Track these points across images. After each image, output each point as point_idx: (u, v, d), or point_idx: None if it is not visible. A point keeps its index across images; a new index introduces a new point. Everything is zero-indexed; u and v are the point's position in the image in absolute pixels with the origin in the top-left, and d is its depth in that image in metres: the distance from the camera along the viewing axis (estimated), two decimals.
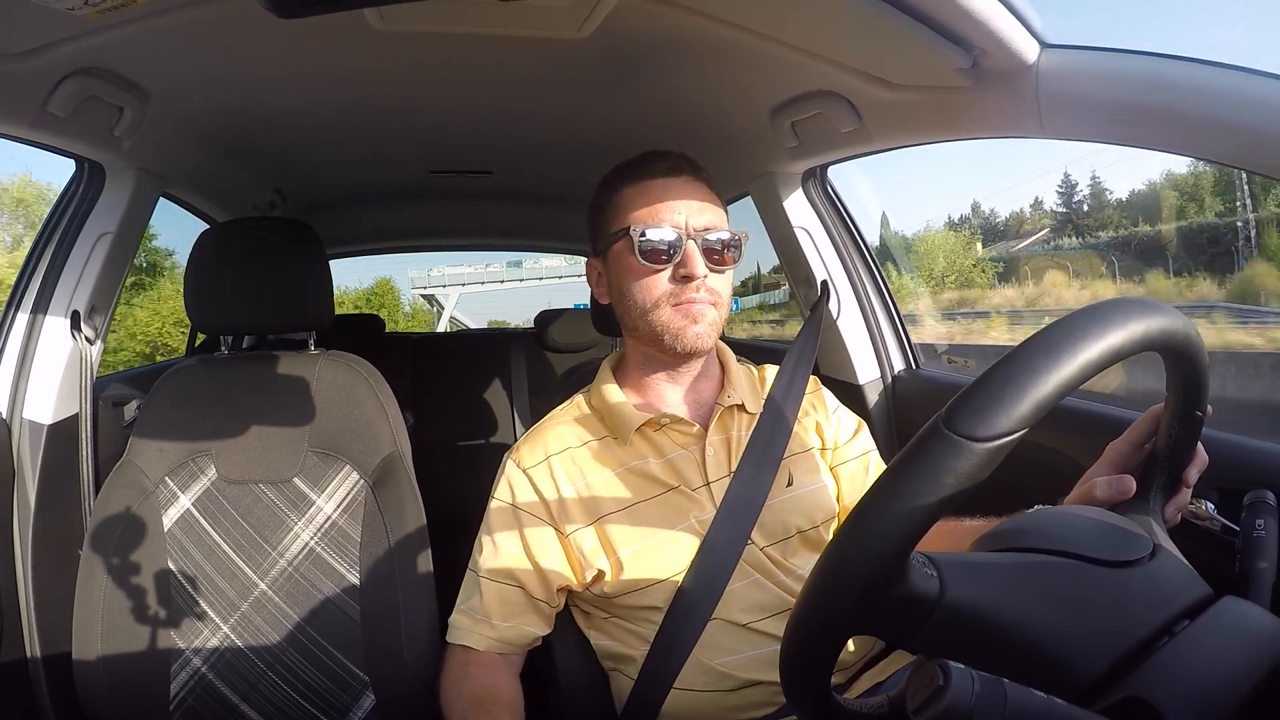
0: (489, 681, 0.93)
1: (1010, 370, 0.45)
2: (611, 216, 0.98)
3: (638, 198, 0.96)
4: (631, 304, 0.97)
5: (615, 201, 0.98)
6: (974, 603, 0.49)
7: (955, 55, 0.90)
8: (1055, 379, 0.45)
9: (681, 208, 0.94)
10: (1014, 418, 0.44)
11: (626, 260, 0.95)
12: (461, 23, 0.99)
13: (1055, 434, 1.00)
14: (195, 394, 1.22)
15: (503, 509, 0.99)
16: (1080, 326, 0.46)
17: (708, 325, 0.95)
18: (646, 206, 0.95)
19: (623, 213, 0.97)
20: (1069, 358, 0.45)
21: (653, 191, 0.96)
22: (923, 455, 0.45)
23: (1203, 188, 27.44)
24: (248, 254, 1.24)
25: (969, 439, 0.44)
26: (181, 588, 1.14)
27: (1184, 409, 0.60)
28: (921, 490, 0.44)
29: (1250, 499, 0.63)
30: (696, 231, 0.94)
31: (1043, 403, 0.44)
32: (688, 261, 0.93)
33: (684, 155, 0.99)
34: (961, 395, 0.45)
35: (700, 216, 0.95)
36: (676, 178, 0.97)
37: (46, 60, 0.95)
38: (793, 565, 0.95)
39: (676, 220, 0.94)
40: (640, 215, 0.95)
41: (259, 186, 1.90)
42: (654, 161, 0.97)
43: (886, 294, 1.58)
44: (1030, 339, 0.47)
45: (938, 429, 0.45)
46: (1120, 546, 0.54)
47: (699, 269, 0.93)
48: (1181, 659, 0.49)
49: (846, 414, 1.10)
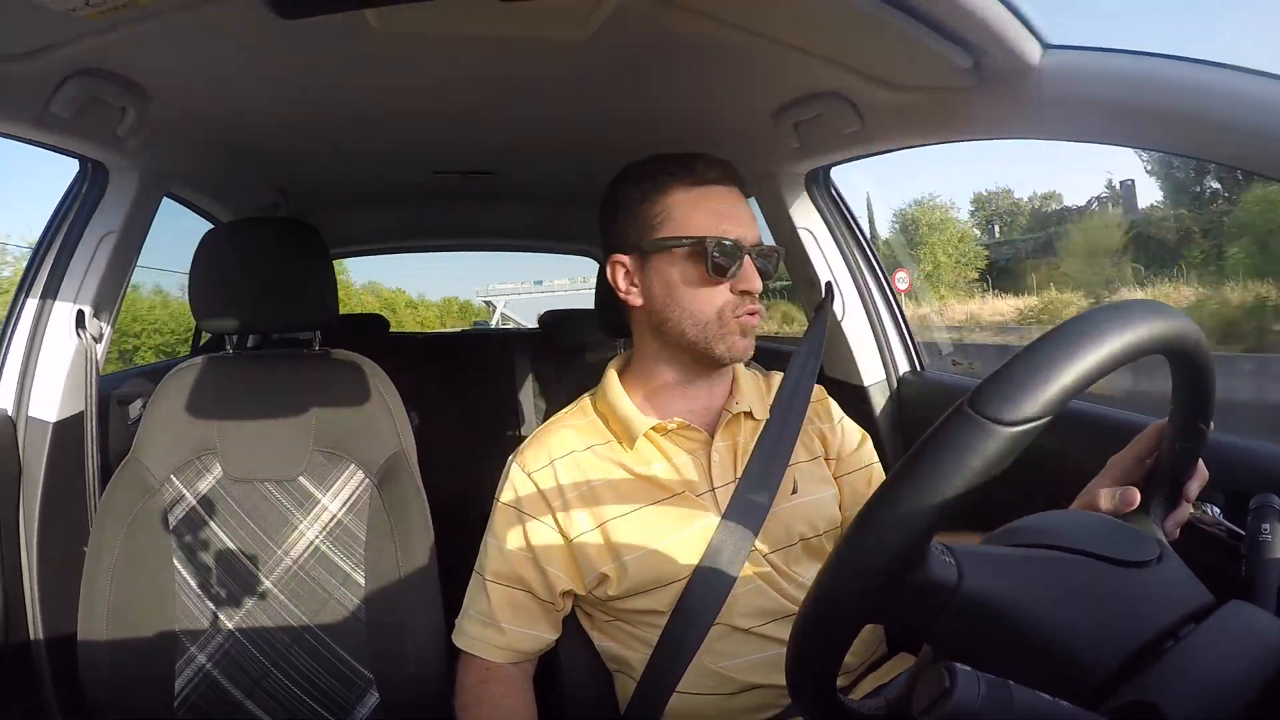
0: (506, 703, 0.94)
1: (1037, 356, 0.45)
2: (660, 217, 0.95)
3: (698, 204, 0.94)
4: (683, 313, 0.94)
5: (664, 202, 0.95)
6: (990, 594, 0.49)
7: (957, 56, 0.89)
8: (1080, 367, 0.44)
9: (741, 220, 0.94)
10: (1041, 402, 0.44)
11: (687, 269, 0.93)
12: (463, 24, 0.99)
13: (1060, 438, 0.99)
14: (200, 392, 1.22)
15: (507, 512, 0.99)
16: (1104, 320, 0.46)
17: (754, 338, 0.96)
18: (711, 216, 0.93)
19: (679, 217, 0.94)
20: (1093, 349, 0.45)
21: (711, 200, 0.94)
22: (948, 437, 0.44)
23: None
24: (252, 254, 1.24)
25: (996, 421, 0.43)
26: (186, 585, 1.15)
27: (1188, 422, 0.60)
28: (946, 472, 0.43)
29: (1256, 503, 0.62)
30: (752, 246, 0.94)
31: (1068, 390, 0.44)
32: (748, 277, 0.93)
33: (729, 163, 0.98)
34: (989, 378, 0.45)
35: (752, 230, 0.95)
36: (729, 187, 0.96)
37: (49, 61, 0.96)
38: (795, 573, 0.95)
39: (739, 234, 0.93)
40: (706, 225, 0.93)
41: (262, 186, 1.90)
42: (707, 167, 0.95)
43: (891, 295, 1.58)
44: (1055, 329, 0.47)
45: (963, 411, 0.44)
46: (1130, 547, 0.54)
47: (758, 285, 0.94)
48: (1187, 663, 0.49)
49: (851, 425, 1.10)
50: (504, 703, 0.94)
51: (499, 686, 0.95)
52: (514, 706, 0.95)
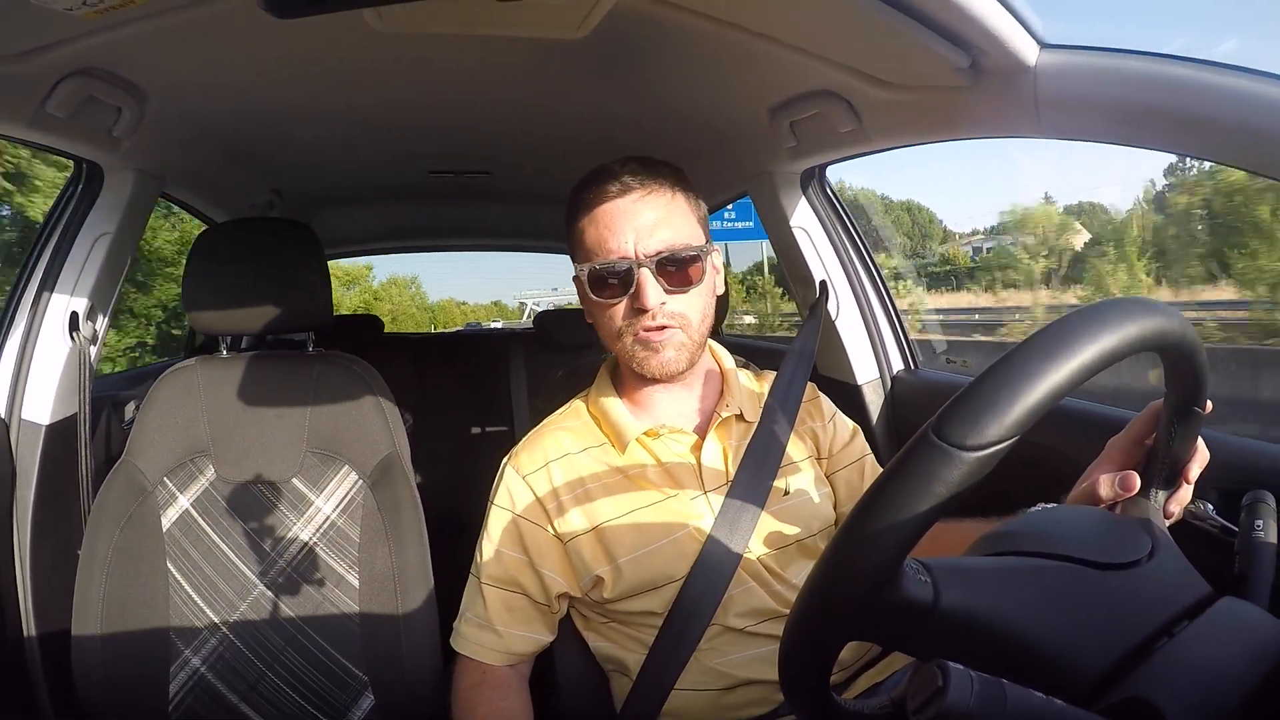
0: (503, 706, 0.94)
1: (1000, 377, 0.45)
2: (571, 243, 0.98)
3: (589, 226, 0.94)
4: (600, 329, 0.98)
5: (573, 228, 0.97)
6: (969, 608, 0.49)
7: (954, 55, 0.90)
8: (1046, 385, 0.44)
9: (629, 233, 0.91)
10: (1004, 425, 0.43)
11: (586, 292, 0.95)
12: (459, 23, 0.99)
13: (1053, 432, 1.00)
14: (194, 394, 1.22)
15: (502, 515, 0.99)
16: (1073, 330, 0.46)
17: (674, 351, 0.93)
18: (595, 236, 0.93)
19: (576, 241, 0.96)
20: (1061, 363, 0.44)
21: (601, 218, 0.93)
22: (913, 465, 0.44)
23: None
24: (246, 254, 1.24)
25: (959, 448, 0.43)
26: (180, 588, 1.14)
27: (1183, 406, 0.60)
28: (912, 500, 0.44)
29: (1249, 499, 0.63)
30: (648, 257, 0.90)
31: (1034, 410, 0.44)
32: (639, 293, 0.90)
33: (637, 166, 0.94)
34: (951, 404, 0.45)
35: (652, 238, 0.91)
36: (625, 198, 0.92)
37: (45, 61, 0.95)
38: (789, 574, 0.95)
39: (625, 249, 0.91)
40: (589, 247, 0.94)
41: (257, 187, 1.90)
42: (602, 182, 0.93)
43: (885, 294, 1.58)
44: (1023, 343, 0.46)
45: (927, 438, 0.44)
46: (1118, 548, 0.54)
47: (650, 299, 0.90)
48: (1181, 659, 0.49)
49: (843, 420, 1.10)
50: (500, 705, 0.94)
51: (495, 689, 0.95)
52: (511, 709, 0.94)
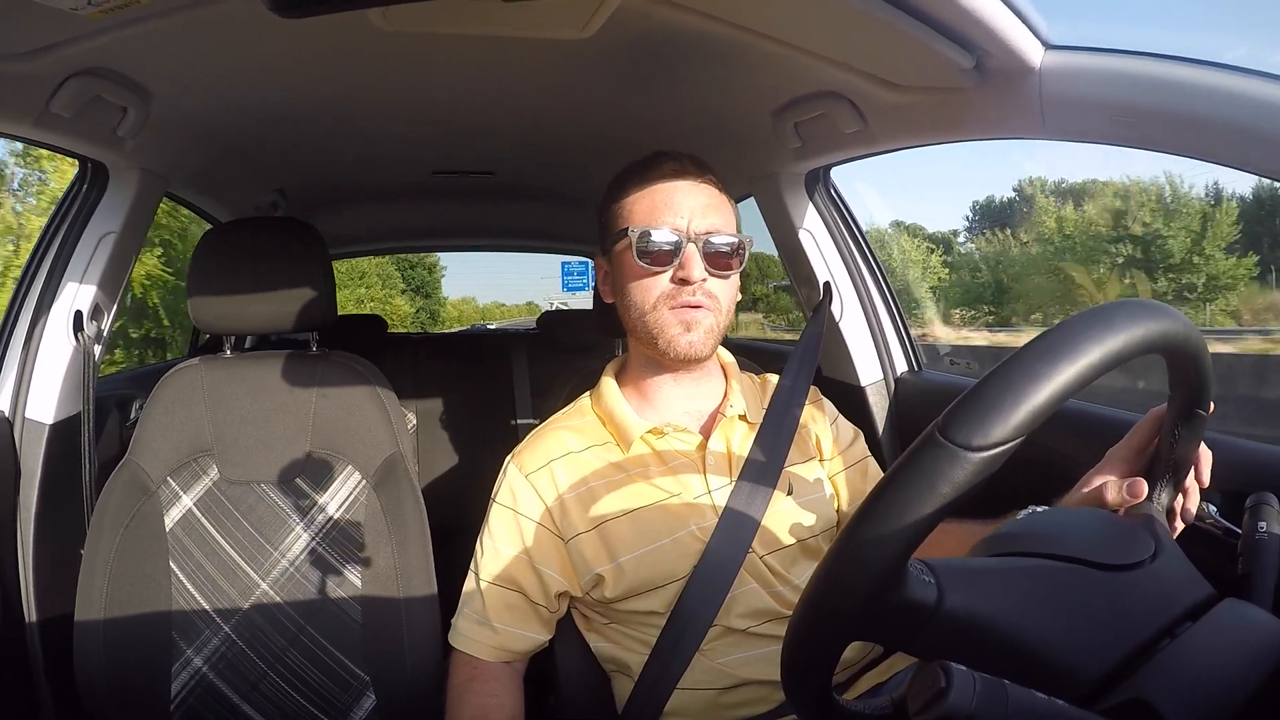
0: (489, 701, 0.94)
1: (1007, 378, 0.45)
2: (616, 216, 0.99)
3: (642, 199, 0.96)
4: (630, 304, 0.97)
5: (621, 202, 0.98)
6: (972, 609, 0.49)
7: (959, 56, 0.89)
8: (1053, 386, 0.44)
9: (685, 210, 0.94)
10: (1010, 426, 0.43)
11: (627, 260, 0.95)
12: (464, 23, 0.99)
13: (1052, 433, 0.99)
14: (197, 394, 1.22)
15: (504, 513, 0.99)
16: (1079, 331, 0.46)
17: (703, 333, 0.94)
18: (649, 207, 0.95)
19: (626, 213, 0.97)
20: (1067, 364, 0.44)
21: (657, 193, 0.96)
22: (918, 465, 0.44)
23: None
24: (250, 254, 1.24)
25: (965, 448, 0.43)
26: (183, 587, 1.14)
27: (1186, 408, 0.60)
28: (917, 500, 0.44)
29: (1252, 501, 0.63)
30: (698, 235, 0.93)
31: (1040, 411, 0.44)
32: (686, 264, 0.92)
33: (693, 156, 0.99)
34: (957, 404, 0.45)
35: (704, 220, 0.94)
36: (682, 179, 0.97)
37: (50, 61, 0.95)
38: (791, 575, 0.95)
39: (678, 223, 0.94)
40: (642, 216, 0.95)
41: (261, 186, 1.90)
42: (661, 162, 0.98)
43: (889, 295, 1.58)
44: (1029, 344, 0.46)
45: (933, 438, 0.44)
46: (1121, 549, 0.54)
47: (696, 272, 0.92)
48: (1183, 661, 0.49)
49: (845, 423, 1.10)
50: (490, 700, 0.94)
51: (487, 684, 0.95)
52: (501, 704, 0.94)
